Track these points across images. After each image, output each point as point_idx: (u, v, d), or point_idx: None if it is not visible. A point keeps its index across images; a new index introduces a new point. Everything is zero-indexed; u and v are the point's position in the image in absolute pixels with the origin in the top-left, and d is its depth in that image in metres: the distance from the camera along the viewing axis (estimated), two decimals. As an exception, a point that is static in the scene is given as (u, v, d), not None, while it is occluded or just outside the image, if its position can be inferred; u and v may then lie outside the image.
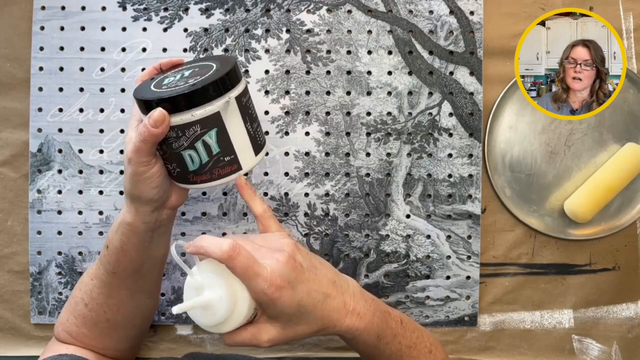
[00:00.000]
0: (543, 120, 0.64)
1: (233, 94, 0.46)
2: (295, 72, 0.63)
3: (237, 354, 0.64)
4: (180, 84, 0.46)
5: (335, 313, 0.46)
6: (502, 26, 0.64)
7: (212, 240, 0.43)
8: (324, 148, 0.64)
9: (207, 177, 0.48)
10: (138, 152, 0.46)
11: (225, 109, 0.46)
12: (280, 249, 0.45)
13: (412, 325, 0.53)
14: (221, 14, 0.63)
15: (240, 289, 0.43)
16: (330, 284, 0.47)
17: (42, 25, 0.63)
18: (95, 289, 0.53)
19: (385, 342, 0.49)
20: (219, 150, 0.47)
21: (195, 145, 0.46)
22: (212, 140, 0.46)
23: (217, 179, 0.48)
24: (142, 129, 0.45)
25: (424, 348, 0.52)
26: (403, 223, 0.64)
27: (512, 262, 0.65)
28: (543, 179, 0.65)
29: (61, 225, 0.64)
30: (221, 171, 0.48)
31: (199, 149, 0.46)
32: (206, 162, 0.47)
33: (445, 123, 0.64)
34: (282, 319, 0.45)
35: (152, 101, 0.45)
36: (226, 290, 0.43)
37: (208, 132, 0.46)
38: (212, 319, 0.43)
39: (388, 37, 0.63)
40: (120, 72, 0.63)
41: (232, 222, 0.64)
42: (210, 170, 0.48)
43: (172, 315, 0.64)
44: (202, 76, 0.46)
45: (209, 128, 0.46)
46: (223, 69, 0.46)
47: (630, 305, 0.66)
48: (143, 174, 0.47)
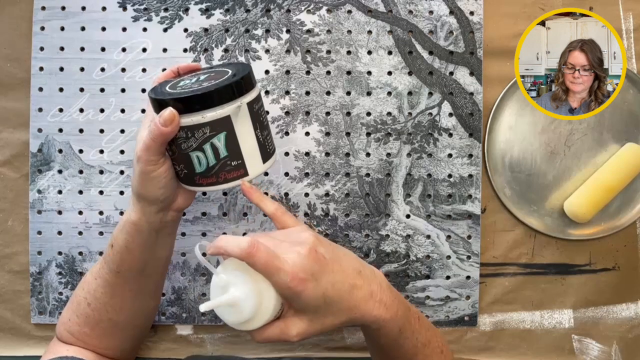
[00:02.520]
0: (543, 120, 0.64)
1: (245, 100, 0.47)
2: (295, 72, 0.63)
3: (237, 356, 0.65)
4: (194, 86, 0.47)
5: (363, 303, 0.46)
6: (502, 26, 0.64)
7: (231, 239, 0.43)
8: (324, 148, 0.64)
9: (214, 180, 0.48)
10: (147, 150, 0.46)
11: (236, 114, 0.46)
12: (301, 242, 0.45)
13: (427, 323, 0.53)
14: (221, 14, 0.63)
15: (265, 285, 0.44)
16: (356, 274, 0.47)
17: (42, 25, 0.63)
18: (99, 289, 0.53)
19: (405, 337, 0.49)
20: (226, 154, 0.47)
21: (203, 147, 0.47)
22: (221, 144, 0.47)
23: (223, 182, 0.49)
24: (153, 127, 0.45)
25: (437, 347, 0.53)
26: (403, 223, 0.64)
27: (512, 262, 0.65)
28: (543, 179, 0.65)
29: (61, 225, 0.64)
30: (227, 175, 0.48)
31: (207, 151, 0.47)
32: (213, 165, 0.48)
33: (445, 123, 0.64)
34: (309, 312, 0.45)
35: (165, 100, 0.46)
36: (251, 287, 0.43)
37: (217, 135, 0.46)
38: (239, 317, 0.44)
39: (388, 37, 0.63)
40: (120, 72, 0.63)
41: (232, 222, 0.64)
42: (216, 173, 0.48)
43: (172, 315, 0.64)
44: (217, 80, 0.47)
45: (219, 131, 0.46)
46: (238, 75, 0.47)
47: (630, 305, 0.66)
48: (150, 172, 0.47)
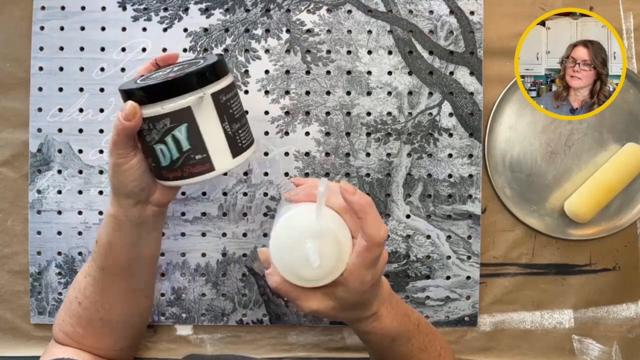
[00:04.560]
0: (543, 120, 0.64)
1: (209, 90, 0.45)
2: (295, 72, 0.63)
3: (237, 355, 0.64)
4: (160, 77, 0.45)
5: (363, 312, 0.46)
6: (502, 26, 0.64)
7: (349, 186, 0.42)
8: (324, 148, 0.64)
9: (179, 175, 0.47)
10: (115, 144, 0.46)
11: (197, 105, 0.44)
12: None
13: (427, 328, 0.53)
14: (221, 14, 0.63)
15: (348, 249, 0.42)
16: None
17: (42, 25, 0.63)
18: (89, 287, 0.53)
19: (399, 344, 0.50)
20: (189, 147, 0.46)
21: (165, 139, 0.45)
22: (182, 136, 0.45)
23: (188, 177, 0.47)
24: (116, 122, 0.45)
25: (434, 351, 0.52)
26: (403, 223, 0.64)
27: (512, 262, 0.65)
28: (543, 179, 0.65)
29: (61, 226, 0.64)
30: (192, 169, 0.46)
31: (169, 143, 0.45)
32: (177, 159, 0.46)
33: (445, 123, 0.64)
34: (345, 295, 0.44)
35: (128, 91, 0.45)
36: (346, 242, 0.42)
37: (178, 127, 0.45)
38: (315, 270, 0.41)
39: (388, 37, 0.63)
40: (120, 72, 0.63)
41: (232, 222, 0.64)
42: (181, 167, 0.46)
43: (172, 315, 0.64)
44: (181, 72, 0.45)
45: (179, 123, 0.45)
46: (201, 66, 0.45)
47: (630, 306, 0.66)
48: (121, 165, 0.47)
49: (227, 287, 0.64)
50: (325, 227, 0.42)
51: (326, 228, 0.42)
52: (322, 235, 0.42)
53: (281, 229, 0.43)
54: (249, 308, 0.64)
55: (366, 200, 0.42)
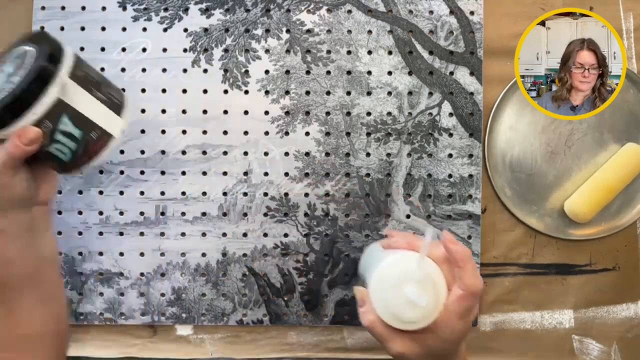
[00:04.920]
0: (543, 120, 0.64)
1: (63, 73, 0.43)
2: (295, 72, 0.63)
3: (237, 358, 0.64)
4: (7, 86, 0.42)
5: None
6: (502, 26, 0.64)
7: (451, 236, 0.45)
8: (324, 148, 0.64)
9: (87, 159, 0.47)
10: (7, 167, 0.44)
11: (64, 92, 0.44)
12: None
13: None
14: (221, 14, 0.63)
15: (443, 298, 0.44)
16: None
17: (42, 25, 0.63)
18: None
19: None
20: (81, 132, 0.45)
21: (56, 138, 0.45)
22: (69, 127, 0.45)
23: (96, 156, 0.47)
24: (13, 150, 0.43)
25: None
26: (403, 223, 0.64)
27: (512, 262, 0.65)
28: (543, 179, 0.65)
29: (61, 226, 0.64)
30: (96, 148, 0.47)
31: (62, 140, 0.45)
32: (77, 149, 0.46)
33: (445, 123, 0.64)
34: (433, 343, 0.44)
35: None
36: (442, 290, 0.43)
37: (60, 121, 0.44)
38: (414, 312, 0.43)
39: (388, 37, 0.63)
40: (120, 72, 0.63)
41: (232, 222, 0.64)
42: (85, 153, 0.46)
43: (172, 315, 0.64)
44: (25, 70, 0.43)
45: (59, 117, 0.44)
46: (40, 55, 0.43)
47: (630, 306, 0.66)
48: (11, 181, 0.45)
49: (227, 287, 0.64)
50: (426, 273, 0.43)
51: (427, 274, 0.43)
52: (423, 281, 0.43)
53: (385, 271, 0.44)
54: (249, 308, 0.64)
55: (467, 251, 0.44)
